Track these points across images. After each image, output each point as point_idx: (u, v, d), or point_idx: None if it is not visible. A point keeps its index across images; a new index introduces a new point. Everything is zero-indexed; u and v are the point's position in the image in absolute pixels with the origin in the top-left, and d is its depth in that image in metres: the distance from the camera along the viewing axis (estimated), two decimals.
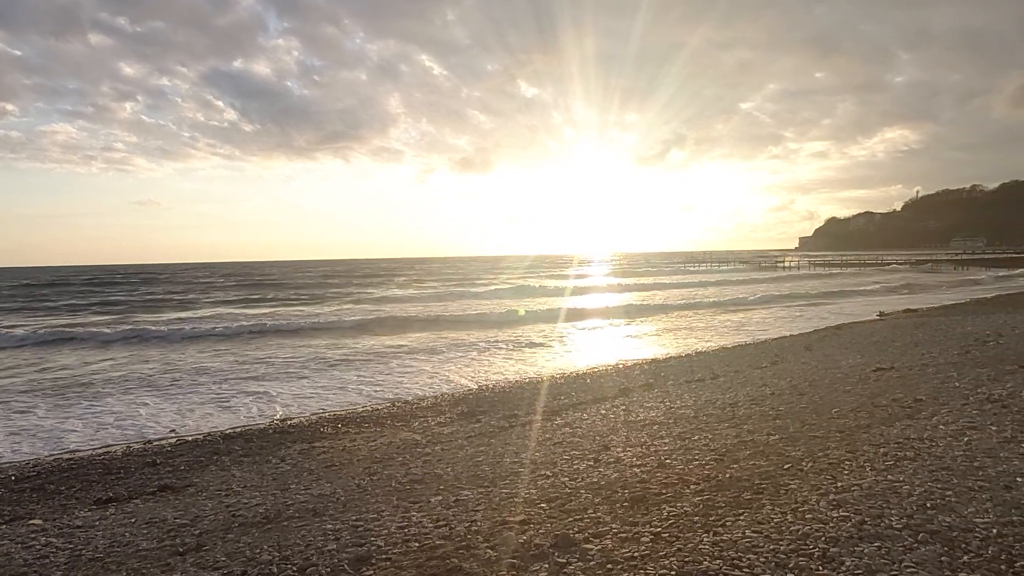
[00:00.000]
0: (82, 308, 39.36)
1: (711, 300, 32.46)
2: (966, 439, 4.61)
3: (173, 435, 9.33)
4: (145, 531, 4.79)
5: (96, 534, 4.88)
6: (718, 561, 2.96)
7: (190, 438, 9.09)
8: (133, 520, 5.20)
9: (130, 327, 24.66)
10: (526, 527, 3.72)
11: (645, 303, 30.65)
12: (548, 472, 5.07)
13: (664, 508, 3.79)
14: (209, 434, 9.27)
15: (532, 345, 17.79)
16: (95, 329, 24.25)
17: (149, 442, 8.98)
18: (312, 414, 10.43)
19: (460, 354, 16.75)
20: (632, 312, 26.80)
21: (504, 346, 17.97)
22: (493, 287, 46.78)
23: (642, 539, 3.33)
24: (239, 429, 9.52)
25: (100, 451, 8.62)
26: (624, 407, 8.14)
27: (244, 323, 25.17)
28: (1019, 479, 3.67)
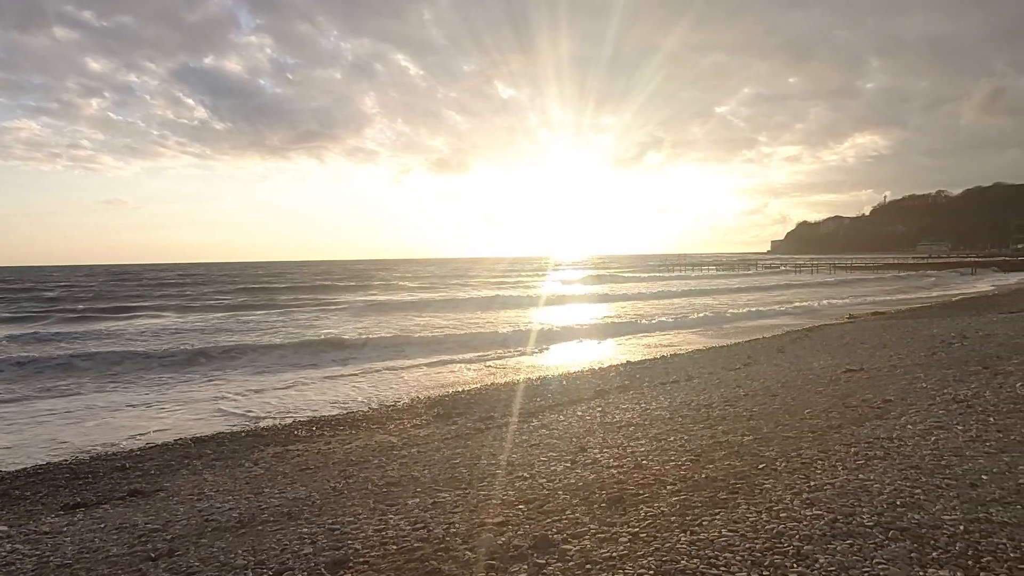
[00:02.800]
0: None
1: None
2: (933, 438, 4.73)
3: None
4: (115, 537, 4.68)
5: (64, 540, 4.75)
6: (695, 560, 2.99)
7: (160, 442, 8.92)
8: (102, 525, 5.08)
9: None
10: (504, 528, 3.73)
11: (622, 316, 28.31)
12: (525, 474, 5.08)
13: (641, 508, 3.82)
14: (180, 438, 9.10)
15: (505, 357, 17.70)
16: None
17: (117, 446, 8.78)
18: (287, 416, 10.31)
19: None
20: (608, 327, 25.43)
21: (475, 366, 15.86)
22: (466, 295, 46.47)
23: (620, 539, 3.36)
24: (211, 433, 9.36)
25: (68, 456, 8.41)
26: (600, 409, 8.18)
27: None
28: (984, 477, 3.78)
